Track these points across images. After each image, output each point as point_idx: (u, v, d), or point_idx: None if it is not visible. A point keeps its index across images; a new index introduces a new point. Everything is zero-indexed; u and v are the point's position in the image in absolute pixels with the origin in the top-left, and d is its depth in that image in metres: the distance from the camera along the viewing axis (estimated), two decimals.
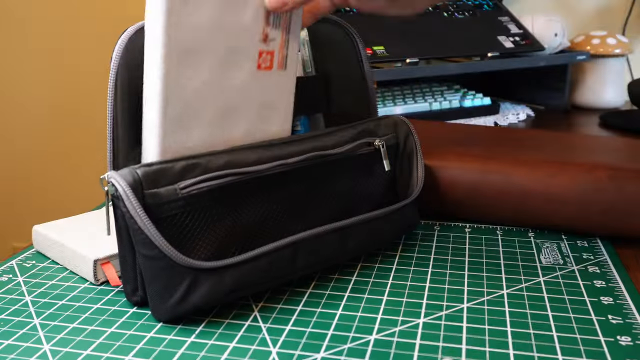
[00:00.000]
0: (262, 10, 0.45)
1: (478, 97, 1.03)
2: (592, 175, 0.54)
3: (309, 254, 0.46)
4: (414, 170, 0.56)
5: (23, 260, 0.53)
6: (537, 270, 0.50)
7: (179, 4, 0.41)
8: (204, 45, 0.43)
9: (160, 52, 0.41)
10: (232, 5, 0.43)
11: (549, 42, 1.05)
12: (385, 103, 0.97)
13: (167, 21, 0.41)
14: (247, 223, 0.45)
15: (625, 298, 0.45)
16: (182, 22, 0.41)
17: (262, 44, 0.46)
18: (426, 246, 0.55)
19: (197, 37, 0.42)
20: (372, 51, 0.90)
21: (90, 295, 0.47)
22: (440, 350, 0.39)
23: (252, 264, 0.43)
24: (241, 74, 0.45)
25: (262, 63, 0.46)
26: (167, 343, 0.40)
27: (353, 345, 0.40)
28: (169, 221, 0.41)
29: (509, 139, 0.67)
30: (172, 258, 0.40)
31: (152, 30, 0.41)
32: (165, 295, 0.41)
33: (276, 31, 0.46)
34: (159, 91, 0.42)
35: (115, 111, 0.42)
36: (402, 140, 0.56)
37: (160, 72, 0.42)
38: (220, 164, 0.43)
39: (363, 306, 0.44)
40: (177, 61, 0.42)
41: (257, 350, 0.39)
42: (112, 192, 0.40)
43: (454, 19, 1.04)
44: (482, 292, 0.46)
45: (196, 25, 0.42)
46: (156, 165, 0.41)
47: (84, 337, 0.41)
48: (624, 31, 1.26)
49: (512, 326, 0.42)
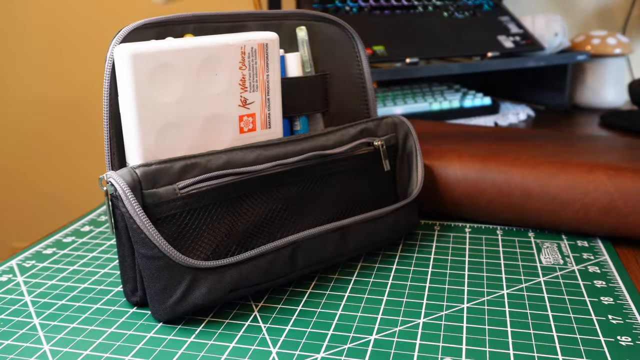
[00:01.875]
0: (236, 76, 0.45)
1: (478, 97, 1.03)
2: (592, 175, 0.54)
3: (309, 253, 0.46)
4: (414, 170, 0.56)
5: (23, 260, 0.53)
6: (537, 270, 0.50)
7: (147, 86, 0.41)
8: (181, 118, 0.43)
9: (136, 131, 0.42)
10: (204, 78, 0.44)
11: (549, 42, 1.05)
12: (385, 103, 0.97)
13: (138, 101, 0.41)
14: (247, 223, 0.45)
15: (625, 298, 0.45)
16: (153, 102, 0.42)
17: (241, 108, 0.46)
18: (426, 246, 0.55)
19: (172, 112, 0.43)
20: (372, 51, 0.90)
21: (90, 295, 0.47)
22: (440, 350, 0.39)
23: (251, 263, 0.43)
24: (225, 138, 0.46)
25: (244, 126, 0.46)
26: (167, 343, 0.40)
27: (353, 345, 0.39)
28: (168, 221, 0.41)
29: (509, 139, 0.67)
30: (172, 257, 0.40)
31: (125, 107, 0.42)
32: (165, 295, 0.41)
33: (254, 94, 0.46)
34: (139, 158, 0.42)
35: (111, 111, 0.43)
36: (401, 140, 0.56)
37: (141, 151, 0.42)
38: (219, 164, 0.43)
39: (363, 306, 0.44)
40: (155, 138, 0.42)
41: (257, 350, 0.39)
42: (111, 191, 0.40)
43: (454, 19, 1.04)
44: (482, 292, 0.46)
45: (169, 102, 0.42)
46: (155, 165, 0.41)
47: (84, 337, 0.41)
48: (624, 31, 1.26)
49: (512, 326, 0.42)
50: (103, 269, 0.51)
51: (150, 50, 0.41)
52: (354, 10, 0.98)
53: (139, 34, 0.43)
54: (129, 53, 0.40)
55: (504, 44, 1.02)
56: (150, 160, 0.42)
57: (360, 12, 0.98)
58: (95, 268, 0.51)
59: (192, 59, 0.43)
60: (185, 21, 0.46)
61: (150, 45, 0.41)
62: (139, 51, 0.40)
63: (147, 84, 0.41)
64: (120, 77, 0.41)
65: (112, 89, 0.42)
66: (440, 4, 1.06)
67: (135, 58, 0.40)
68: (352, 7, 0.98)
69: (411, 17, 1.01)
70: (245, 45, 0.45)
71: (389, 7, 1.01)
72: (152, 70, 0.41)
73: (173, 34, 0.45)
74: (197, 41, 0.43)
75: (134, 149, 0.42)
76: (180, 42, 0.42)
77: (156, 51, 0.41)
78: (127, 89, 0.41)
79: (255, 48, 0.46)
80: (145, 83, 0.41)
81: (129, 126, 0.42)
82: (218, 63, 0.44)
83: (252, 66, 0.46)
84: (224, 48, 0.44)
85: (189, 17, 0.46)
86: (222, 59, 0.44)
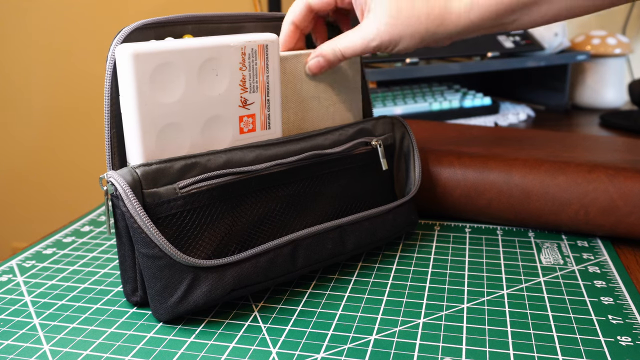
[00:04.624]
0: (237, 77, 0.45)
1: (478, 97, 1.03)
2: (592, 175, 0.54)
3: (309, 252, 0.46)
4: (411, 170, 0.56)
5: (23, 260, 0.53)
6: (537, 271, 0.50)
7: (148, 86, 0.41)
8: (182, 118, 0.43)
9: (137, 131, 0.42)
10: (205, 78, 0.44)
11: (549, 42, 1.05)
12: (385, 103, 0.97)
13: (139, 101, 0.41)
14: (247, 222, 0.45)
15: (625, 298, 0.45)
16: (154, 102, 0.42)
17: (241, 109, 0.46)
18: (426, 246, 0.55)
19: (173, 112, 0.43)
20: None
21: (90, 295, 0.47)
22: (440, 350, 0.39)
23: (252, 262, 0.43)
24: (225, 138, 0.46)
25: (244, 127, 0.46)
26: (167, 343, 0.40)
27: (353, 345, 0.39)
28: (168, 220, 0.41)
29: (509, 139, 0.67)
30: (172, 257, 0.40)
31: (126, 107, 0.42)
32: (166, 294, 0.41)
33: (254, 94, 0.46)
34: (140, 158, 0.42)
35: (112, 111, 0.43)
36: (398, 139, 0.56)
37: (141, 150, 0.42)
38: (219, 163, 0.43)
39: (363, 306, 0.44)
40: (156, 138, 0.42)
41: (257, 350, 0.39)
42: (111, 191, 0.40)
43: None
44: (482, 292, 0.46)
45: (169, 102, 0.42)
46: (155, 164, 0.41)
47: (84, 337, 0.41)
48: (624, 31, 1.26)
49: (512, 326, 0.42)
50: (103, 269, 0.51)
51: (152, 50, 0.41)
52: None
53: (139, 34, 0.43)
54: (131, 53, 0.40)
55: (504, 44, 1.02)
56: (151, 160, 0.42)
57: None
58: (95, 268, 0.51)
59: (193, 59, 0.43)
60: (184, 22, 0.46)
61: (152, 45, 0.41)
62: (141, 51, 0.40)
63: (148, 84, 0.41)
64: (121, 77, 0.41)
65: (113, 89, 0.42)
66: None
67: (136, 58, 0.40)
68: None
69: None
70: (245, 46, 0.45)
71: None
72: (153, 70, 0.41)
73: (172, 34, 0.46)
74: (198, 42, 0.43)
75: (134, 148, 0.42)
76: (182, 42, 0.42)
77: (157, 51, 0.41)
78: (128, 88, 0.41)
79: (256, 49, 0.46)
80: (147, 83, 0.41)
81: (130, 126, 0.42)
82: (219, 64, 0.44)
83: (252, 67, 0.46)
84: (224, 49, 0.44)
85: (189, 17, 0.46)
86: (222, 59, 0.44)
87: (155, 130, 0.42)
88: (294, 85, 0.50)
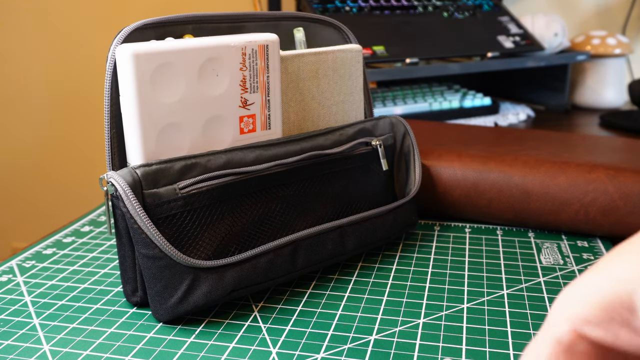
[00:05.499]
0: (237, 77, 0.45)
1: (478, 97, 1.03)
2: (592, 175, 0.54)
3: (309, 252, 0.46)
4: (411, 170, 0.56)
5: (23, 260, 0.53)
6: (537, 271, 0.50)
7: (148, 86, 0.41)
8: (182, 118, 0.43)
9: (138, 131, 0.42)
10: (205, 78, 0.44)
11: (549, 42, 1.05)
12: (385, 103, 0.97)
13: (139, 101, 0.41)
14: (247, 222, 0.45)
15: None
16: (154, 102, 0.42)
17: (242, 109, 0.46)
18: (426, 246, 0.55)
19: (173, 113, 0.43)
20: (372, 51, 0.90)
21: (90, 295, 0.47)
22: (440, 350, 0.39)
23: (252, 262, 0.43)
24: (226, 139, 0.46)
25: (244, 127, 0.46)
26: (167, 343, 0.40)
27: (353, 345, 0.39)
28: (168, 221, 0.41)
29: (509, 139, 0.67)
30: (173, 257, 0.40)
31: (127, 107, 0.42)
32: (166, 295, 0.41)
33: (255, 95, 0.46)
34: (140, 158, 0.42)
35: (112, 111, 0.43)
36: (399, 140, 0.56)
37: (142, 151, 0.42)
38: (219, 164, 0.43)
39: (363, 306, 0.44)
40: (156, 138, 0.42)
41: (257, 351, 0.39)
42: (111, 192, 0.40)
43: (454, 19, 1.04)
44: (482, 292, 0.46)
45: (170, 103, 0.42)
46: (155, 165, 0.41)
47: (84, 337, 0.41)
48: (624, 31, 1.26)
49: (512, 326, 0.42)
50: (103, 269, 0.51)
51: (152, 51, 0.41)
52: (354, 11, 0.98)
53: (140, 34, 0.44)
54: (131, 53, 0.40)
55: (503, 44, 1.02)
56: (151, 160, 0.42)
57: (360, 13, 0.98)
58: (95, 268, 0.51)
59: (194, 59, 0.43)
60: (184, 22, 0.46)
61: (152, 45, 0.41)
62: (141, 51, 0.40)
63: (149, 84, 0.41)
64: (121, 77, 0.41)
65: (114, 89, 0.42)
66: (440, 4, 1.06)
67: (137, 58, 0.40)
68: (352, 8, 0.98)
69: (411, 17, 1.01)
70: (246, 47, 0.45)
71: (389, 7, 1.01)
72: (153, 71, 0.41)
73: (172, 34, 0.46)
74: (198, 42, 0.43)
75: (134, 148, 0.42)
76: (182, 42, 0.42)
77: (158, 51, 0.41)
78: (128, 88, 0.41)
79: (256, 49, 0.46)
80: (147, 83, 0.41)
81: (130, 126, 0.42)
82: (219, 64, 0.44)
83: (252, 67, 0.46)
84: (225, 49, 0.44)
85: (189, 17, 0.46)
86: (223, 59, 0.44)
87: (155, 131, 0.42)
88: (294, 85, 0.50)
